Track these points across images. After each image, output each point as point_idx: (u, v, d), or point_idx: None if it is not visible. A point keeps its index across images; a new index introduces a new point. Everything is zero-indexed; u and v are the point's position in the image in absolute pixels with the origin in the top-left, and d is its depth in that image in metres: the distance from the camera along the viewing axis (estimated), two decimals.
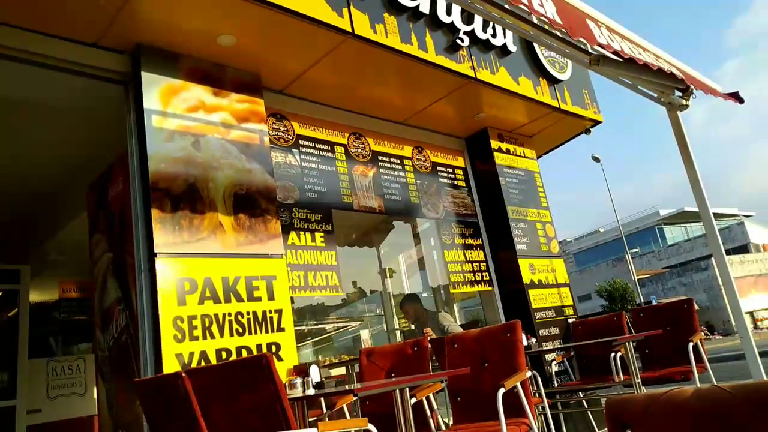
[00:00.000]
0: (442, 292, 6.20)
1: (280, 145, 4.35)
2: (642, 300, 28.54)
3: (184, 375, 2.39)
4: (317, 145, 4.64)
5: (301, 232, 4.23)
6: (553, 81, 5.79)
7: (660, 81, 4.33)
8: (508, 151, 6.03)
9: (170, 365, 3.09)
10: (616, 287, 31.77)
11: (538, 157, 6.48)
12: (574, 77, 6.07)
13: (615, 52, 3.01)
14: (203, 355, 3.24)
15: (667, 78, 4.26)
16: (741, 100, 3.60)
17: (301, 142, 4.52)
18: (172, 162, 3.47)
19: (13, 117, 4.14)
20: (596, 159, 32.10)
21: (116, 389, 3.75)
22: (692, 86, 4.44)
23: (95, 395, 4.58)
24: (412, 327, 5.71)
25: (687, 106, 4.63)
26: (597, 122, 6.32)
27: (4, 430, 4.98)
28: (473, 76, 4.82)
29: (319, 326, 7.55)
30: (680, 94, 4.57)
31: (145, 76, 3.54)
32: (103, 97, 3.79)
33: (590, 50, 3.44)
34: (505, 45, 5.27)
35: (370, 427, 2.29)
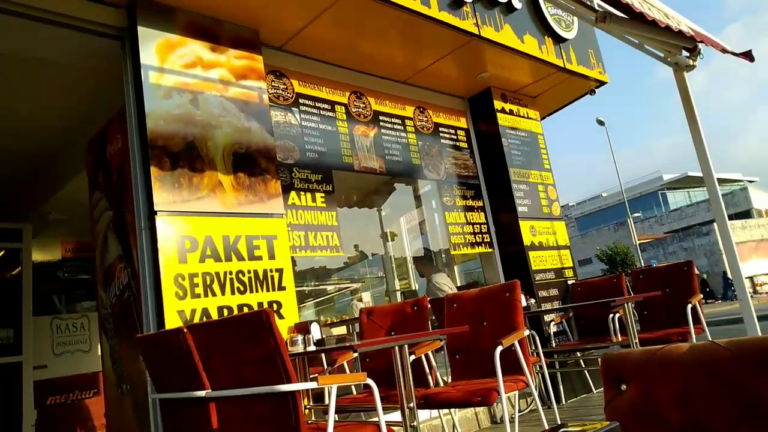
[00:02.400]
0: (443, 254, 6.22)
1: (279, 103, 4.29)
2: (642, 264, 28.67)
3: (185, 330, 2.41)
4: (317, 104, 4.58)
5: (302, 193, 4.21)
6: (558, 40, 5.68)
7: (667, 40, 4.24)
8: (511, 112, 5.96)
9: (172, 322, 3.12)
10: (617, 251, 31.86)
11: (541, 119, 6.41)
12: (579, 36, 5.94)
13: (624, 5, 2.93)
14: (205, 312, 3.27)
15: (675, 37, 4.17)
16: (752, 59, 3.53)
17: (300, 100, 4.46)
18: (170, 119, 3.44)
19: (10, 73, 4.08)
20: (601, 122, 31.78)
21: (120, 345, 3.80)
22: (700, 46, 4.34)
23: (99, 352, 4.65)
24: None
25: (694, 66, 4.54)
26: (602, 83, 6.22)
27: (12, 385, 5.08)
28: (477, 33, 4.72)
29: (321, 287, 7.62)
30: (687, 54, 4.48)
31: (142, 31, 3.47)
32: (100, 52, 3.72)
33: (596, 7, 3.35)
34: (510, 1, 5.15)
35: (369, 381, 2.32)
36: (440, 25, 4.45)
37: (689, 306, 4.42)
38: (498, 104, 5.83)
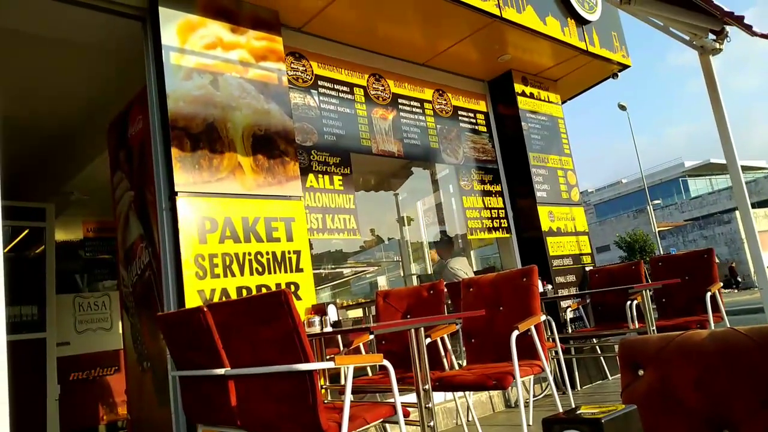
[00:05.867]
0: (459, 239, 6.21)
1: (298, 85, 4.29)
2: (662, 252, 28.36)
3: (205, 309, 2.45)
4: (336, 87, 4.57)
5: (320, 175, 4.22)
6: (581, 22, 5.58)
7: (693, 22, 4.15)
8: (531, 96, 5.89)
9: (192, 301, 3.17)
10: (636, 239, 31.53)
11: (562, 103, 6.33)
12: (603, 18, 5.84)
13: None
14: (224, 292, 3.31)
15: (702, 18, 4.07)
16: None
17: (319, 82, 4.46)
18: (191, 100, 3.46)
19: (33, 53, 4.12)
20: (623, 107, 31.29)
21: (140, 324, 3.87)
22: (727, 29, 4.24)
23: (120, 330, 4.74)
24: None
25: (720, 50, 4.44)
26: (625, 66, 6.11)
27: (36, 361, 5.20)
28: (498, 14, 4.66)
29: (337, 270, 7.65)
30: (714, 37, 4.38)
31: (163, 12, 3.48)
32: (122, 33, 3.75)
33: None
34: None
35: (386, 362, 2.34)
36: (461, 5, 4.40)
37: (708, 294, 4.37)
38: (518, 87, 5.77)
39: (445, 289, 3.70)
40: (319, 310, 3.36)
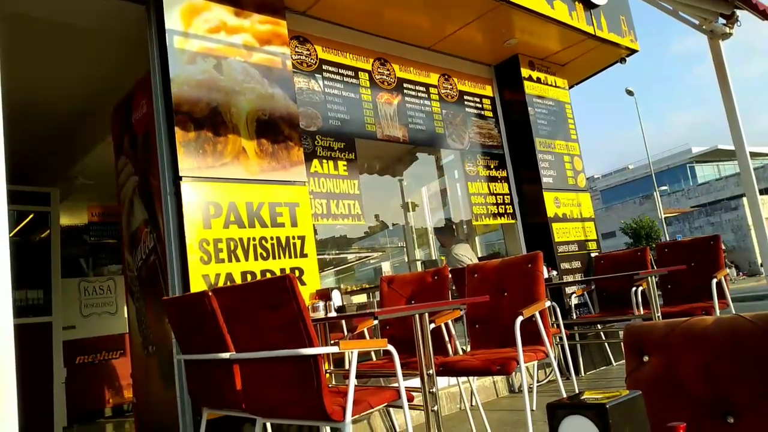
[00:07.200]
0: (464, 225, 6.20)
1: (302, 69, 4.26)
2: (668, 238, 28.27)
3: (210, 293, 2.45)
4: (341, 71, 4.54)
5: (324, 160, 4.21)
6: (589, 6, 5.51)
7: (703, 6, 4.09)
8: (538, 80, 5.84)
9: (197, 285, 3.18)
10: (642, 225, 31.41)
11: (569, 87, 6.27)
12: (611, 2, 5.75)
13: None
14: (229, 276, 3.32)
15: (712, 3, 4.01)
16: None
17: (324, 67, 4.42)
18: (194, 84, 3.44)
19: (37, 38, 4.11)
20: (630, 92, 31.01)
21: (146, 308, 3.89)
22: (738, 12, 4.18)
23: (126, 314, 4.77)
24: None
25: (730, 34, 4.39)
26: (633, 51, 6.05)
27: (43, 344, 5.25)
28: None
29: (342, 256, 7.67)
30: (724, 21, 4.32)
31: None
32: (126, 17, 3.72)
33: None
34: None
35: (390, 347, 2.34)
36: None
37: (714, 280, 4.35)
38: (525, 72, 5.72)
39: (450, 275, 3.70)
40: (324, 294, 3.37)
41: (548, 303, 3.39)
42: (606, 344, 5.50)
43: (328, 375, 3.48)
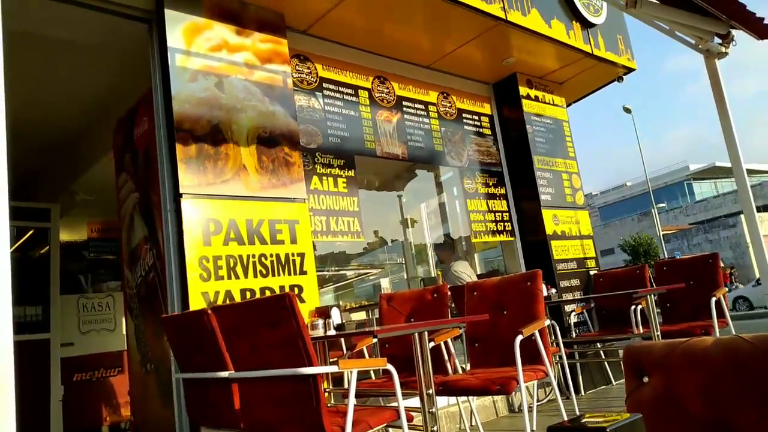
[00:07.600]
0: (463, 242, 6.20)
1: (303, 87, 4.30)
2: (666, 256, 28.25)
3: (209, 311, 2.45)
4: (341, 89, 4.58)
5: (324, 178, 4.23)
6: (586, 25, 5.57)
7: (699, 26, 4.14)
8: (536, 98, 5.89)
9: (196, 303, 3.17)
10: (641, 242, 31.41)
11: (567, 105, 6.32)
12: (608, 21, 5.83)
13: None
14: (228, 294, 3.32)
15: (707, 22, 4.06)
16: None
17: (324, 85, 4.46)
18: (196, 102, 3.47)
19: (39, 54, 4.14)
20: (627, 110, 31.18)
21: (145, 325, 3.87)
22: (733, 32, 4.23)
23: (124, 331, 4.74)
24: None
25: (726, 54, 4.43)
26: (630, 69, 6.10)
27: (41, 361, 5.21)
28: (504, 17, 4.66)
29: (341, 272, 7.65)
30: (719, 41, 4.37)
31: (169, 14, 3.49)
32: (128, 35, 3.76)
33: None
34: None
35: (389, 367, 2.33)
36: (467, 9, 4.40)
37: (713, 299, 4.35)
38: (523, 90, 5.76)
39: (449, 293, 3.70)
40: (323, 312, 3.36)
41: (548, 321, 3.38)
42: (606, 363, 5.48)
43: (327, 394, 3.46)
